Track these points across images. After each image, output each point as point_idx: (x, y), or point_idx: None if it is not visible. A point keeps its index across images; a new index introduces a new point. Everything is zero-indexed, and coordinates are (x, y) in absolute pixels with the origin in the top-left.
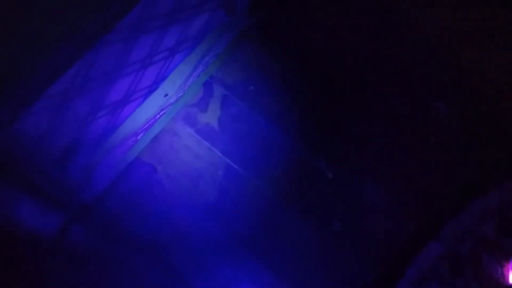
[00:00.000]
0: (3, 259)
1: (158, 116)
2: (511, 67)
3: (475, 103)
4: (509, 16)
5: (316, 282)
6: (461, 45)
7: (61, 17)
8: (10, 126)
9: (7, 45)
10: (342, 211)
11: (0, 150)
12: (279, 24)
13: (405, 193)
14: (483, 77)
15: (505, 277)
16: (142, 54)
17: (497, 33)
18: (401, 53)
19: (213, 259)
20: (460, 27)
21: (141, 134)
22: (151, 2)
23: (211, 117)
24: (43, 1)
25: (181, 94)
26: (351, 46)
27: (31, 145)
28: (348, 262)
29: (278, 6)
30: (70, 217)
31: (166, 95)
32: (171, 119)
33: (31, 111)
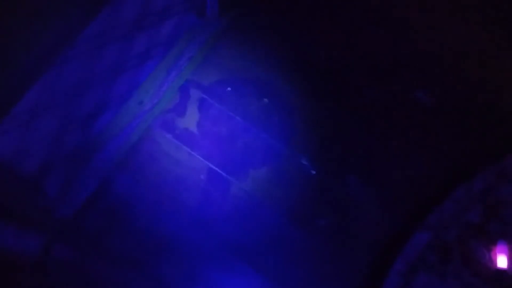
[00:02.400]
0: None
1: (135, 124)
2: (495, 53)
3: (456, 90)
4: None
5: (304, 280)
6: (442, 29)
7: (18, 27)
8: None
9: None
10: (326, 208)
11: None
12: (253, 23)
13: (388, 185)
14: (467, 64)
15: (493, 261)
16: (110, 64)
17: (477, 15)
18: (378, 42)
19: (201, 267)
20: (438, 7)
21: (118, 144)
22: (115, 11)
23: (189, 121)
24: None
25: (156, 100)
26: (328, 38)
27: (1, 167)
28: (335, 258)
29: (250, 5)
30: (51, 235)
31: (140, 102)
32: (148, 127)
33: None
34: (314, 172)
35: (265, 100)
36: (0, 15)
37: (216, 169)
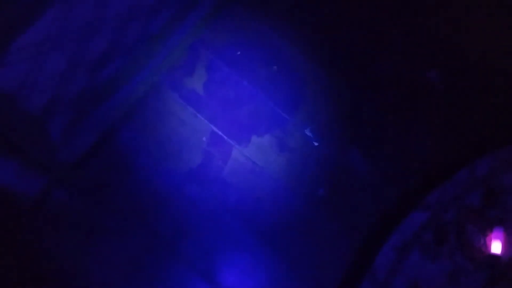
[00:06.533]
0: None
1: (142, 76)
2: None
3: (468, 72)
4: None
5: (299, 247)
6: (459, 14)
7: None
8: None
9: None
10: (326, 179)
11: None
12: None
13: (390, 161)
14: (481, 49)
15: (488, 247)
16: (122, 9)
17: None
18: (396, 19)
19: (197, 224)
20: None
21: (125, 95)
22: None
23: (196, 82)
24: None
25: (165, 54)
26: (346, 13)
27: (6, 100)
28: (331, 228)
29: None
30: (52, 179)
31: (150, 54)
32: (156, 83)
33: (1, 63)
34: (316, 144)
35: (275, 67)
36: None
37: (219, 132)
